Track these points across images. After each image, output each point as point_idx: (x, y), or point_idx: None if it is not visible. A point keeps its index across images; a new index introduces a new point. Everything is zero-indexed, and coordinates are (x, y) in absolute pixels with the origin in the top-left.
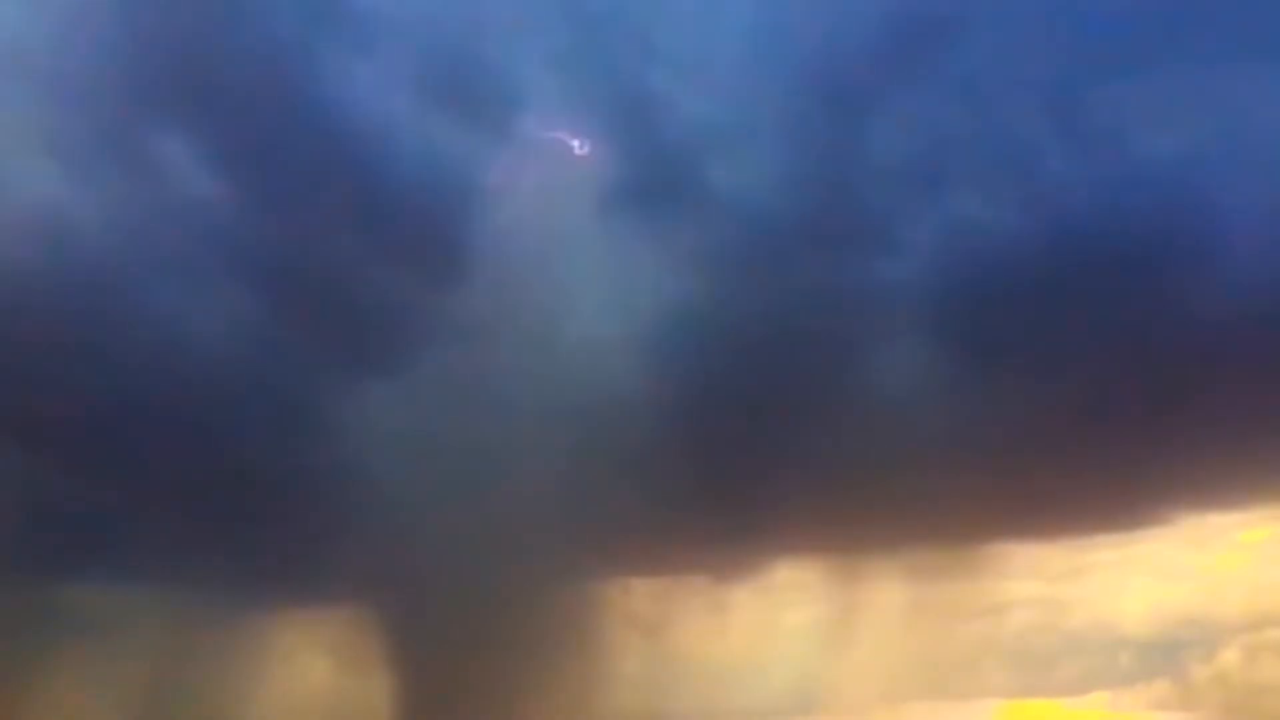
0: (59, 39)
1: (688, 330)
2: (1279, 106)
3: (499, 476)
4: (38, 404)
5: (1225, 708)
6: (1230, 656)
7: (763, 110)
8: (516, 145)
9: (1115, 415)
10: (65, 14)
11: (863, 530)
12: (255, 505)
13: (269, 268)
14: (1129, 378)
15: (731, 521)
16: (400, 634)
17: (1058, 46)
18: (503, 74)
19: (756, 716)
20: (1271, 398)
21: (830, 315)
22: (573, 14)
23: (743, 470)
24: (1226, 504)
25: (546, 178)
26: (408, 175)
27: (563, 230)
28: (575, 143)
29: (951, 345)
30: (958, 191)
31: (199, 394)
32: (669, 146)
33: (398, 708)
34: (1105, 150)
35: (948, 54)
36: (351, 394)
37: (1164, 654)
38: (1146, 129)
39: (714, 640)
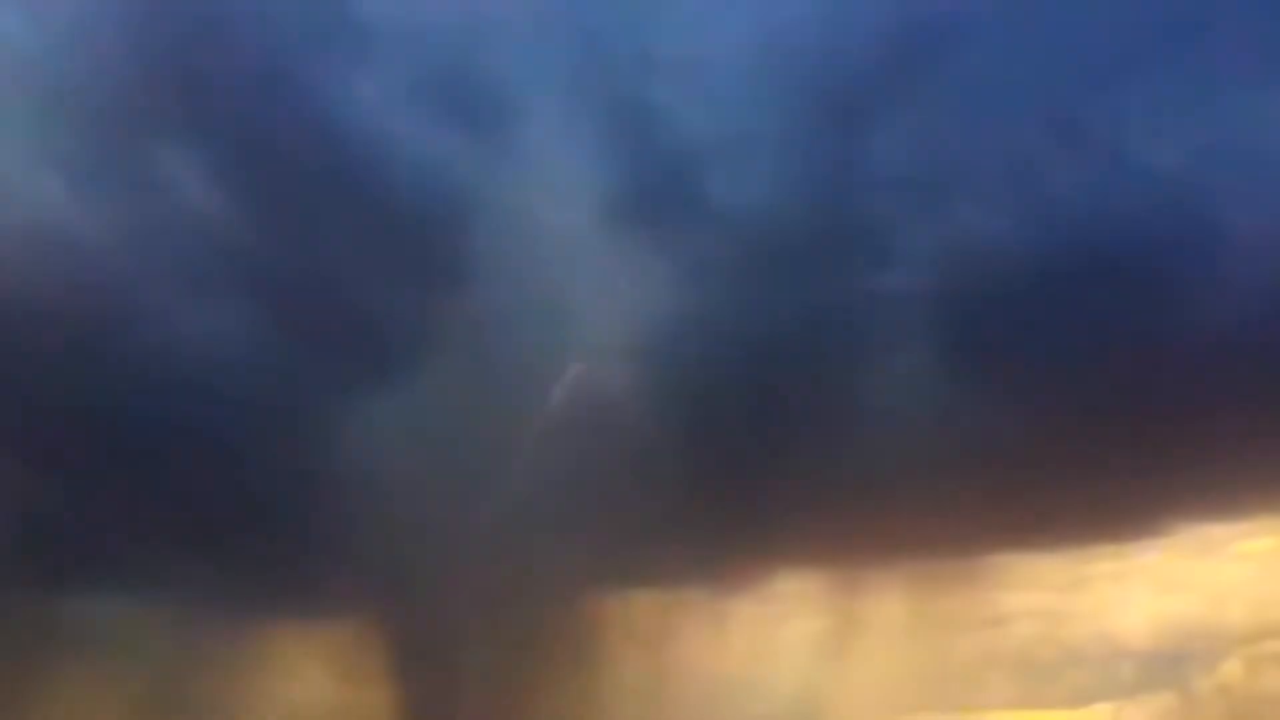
0: (60, 53)
1: (688, 340)
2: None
3: (498, 488)
4: (36, 416)
5: (1228, 719)
6: (1232, 668)
7: (763, 122)
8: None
9: (1115, 426)
10: (67, 28)
11: (863, 542)
12: (255, 516)
13: (271, 280)
14: (1129, 388)
15: (731, 533)
16: (400, 646)
17: (1058, 57)
18: (502, 85)
19: None
20: (1272, 408)
21: (830, 326)
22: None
23: (743, 481)
24: (1227, 515)
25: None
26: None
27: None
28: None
29: (951, 357)
30: (958, 203)
31: (199, 404)
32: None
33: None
34: (1106, 160)
35: (948, 65)
36: (352, 404)
37: (1166, 665)
38: (1147, 139)
39: (714, 653)
